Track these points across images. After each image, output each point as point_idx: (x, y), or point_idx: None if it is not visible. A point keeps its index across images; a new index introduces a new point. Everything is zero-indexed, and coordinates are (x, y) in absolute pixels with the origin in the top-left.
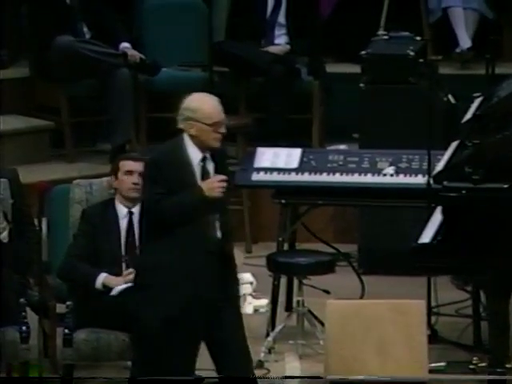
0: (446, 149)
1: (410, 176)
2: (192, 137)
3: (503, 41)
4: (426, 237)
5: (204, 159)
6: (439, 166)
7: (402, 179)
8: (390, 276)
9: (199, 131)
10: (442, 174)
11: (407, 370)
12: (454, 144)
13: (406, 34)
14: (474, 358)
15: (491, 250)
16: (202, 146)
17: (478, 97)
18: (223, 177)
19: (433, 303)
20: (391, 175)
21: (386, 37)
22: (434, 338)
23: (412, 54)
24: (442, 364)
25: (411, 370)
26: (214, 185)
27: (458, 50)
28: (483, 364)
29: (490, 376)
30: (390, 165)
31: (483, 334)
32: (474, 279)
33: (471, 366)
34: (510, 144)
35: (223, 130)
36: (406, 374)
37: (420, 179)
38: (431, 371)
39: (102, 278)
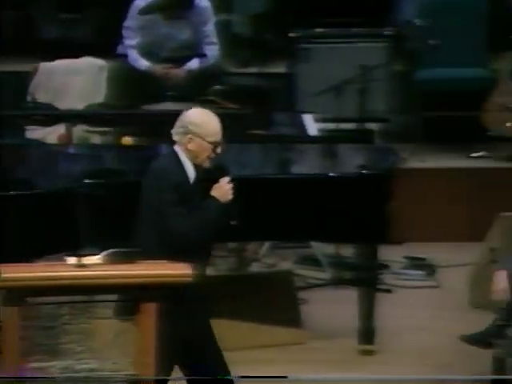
0: None
1: None
2: (188, 151)
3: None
4: None
5: (197, 177)
6: None
7: None
8: None
9: (199, 147)
10: None
11: None
12: None
13: None
14: None
15: None
16: (195, 163)
17: None
18: (228, 178)
19: None
20: None
21: None
22: None
23: None
24: None
25: None
26: (225, 188)
27: None
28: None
29: None
30: None
31: None
32: None
33: None
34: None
35: (219, 150)
36: None
37: None
38: None
39: None
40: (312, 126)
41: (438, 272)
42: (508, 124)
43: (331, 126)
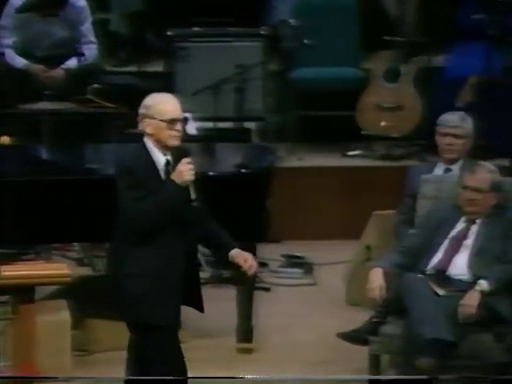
0: None
1: None
2: (150, 136)
3: None
4: None
5: (168, 163)
6: None
7: None
8: None
9: (155, 129)
10: None
11: None
12: None
13: None
14: None
15: None
16: (161, 146)
17: None
18: (188, 159)
19: None
20: None
21: None
22: None
23: None
24: None
25: None
26: (182, 168)
27: None
28: None
29: None
30: None
31: None
32: None
33: None
34: None
35: (179, 127)
36: None
37: None
38: None
39: None
40: (190, 124)
41: (316, 270)
42: (382, 123)
43: (209, 124)
